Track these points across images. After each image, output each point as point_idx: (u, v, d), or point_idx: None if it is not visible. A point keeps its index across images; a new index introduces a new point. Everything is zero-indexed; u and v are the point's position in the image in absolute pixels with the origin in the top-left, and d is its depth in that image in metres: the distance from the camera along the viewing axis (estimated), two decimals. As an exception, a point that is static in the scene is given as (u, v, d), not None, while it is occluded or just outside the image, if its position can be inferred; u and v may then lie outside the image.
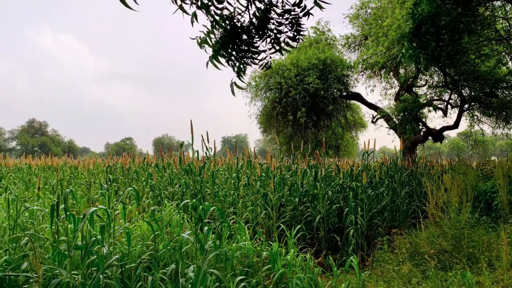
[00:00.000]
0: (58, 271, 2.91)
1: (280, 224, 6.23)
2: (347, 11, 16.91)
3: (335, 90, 15.50)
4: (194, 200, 5.72)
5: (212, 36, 2.67)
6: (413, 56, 6.60)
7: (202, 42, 2.66)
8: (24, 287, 2.73)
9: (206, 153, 8.62)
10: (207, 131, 8.49)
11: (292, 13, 2.68)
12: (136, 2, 1.77)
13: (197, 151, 9.00)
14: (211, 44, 2.67)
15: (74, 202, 7.22)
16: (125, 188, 9.63)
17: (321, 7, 2.51)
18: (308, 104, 15.06)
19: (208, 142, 8.51)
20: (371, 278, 5.36)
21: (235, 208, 7.10)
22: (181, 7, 2.45)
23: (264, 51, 2.83)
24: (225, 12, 2.63)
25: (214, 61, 2.69)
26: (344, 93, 16.12)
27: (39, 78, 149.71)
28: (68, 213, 2.91)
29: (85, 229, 3.17)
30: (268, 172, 7.96)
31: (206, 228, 3.65)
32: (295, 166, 9.11)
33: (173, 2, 2.42)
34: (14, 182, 11.12)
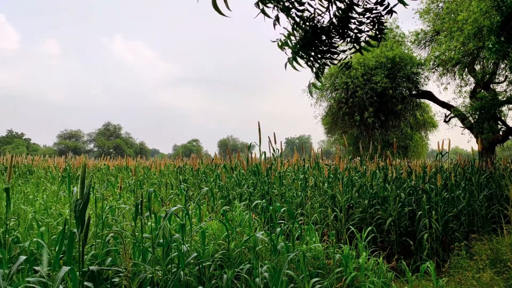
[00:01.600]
0: (142, 266, 3.12)
1: (350, 227, 6.15)
2: (417, 6, 16.21)
3: (404, 89, 14.94)
4: (263, 200, 5.85)
5: (292, 38, 2.72)
6: (500, 51, 6.17)
7: (283, 44, 2.72)
8: (113, 281, 2.98)
9: (273, 154, 8.73)
10: (274, 133, 8.58)
11: (374, 11, 2.66)
12: (228, 8, 1.86)
13: (264, 152, 9.14)
14: (291, 45, 2.72)
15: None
16: (194, 188, 10.00)
17: (405, 4, 2.46)
18: (375, 104, 14.66)
19: (275, 143, 8.62)
20: (448, 285, 5.12)
21: (302, 209, 7.12)
22: (263, 11, 2.53)
23: (344, 51, 2.83)
24: (306, 13, 2.67)
25: (293, 62, 2.74)
26: (414, 92, 15.47)
27: (113, 84, 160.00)
28: (151, 212, 3.10)
29: (166, 227, 3.36)
30: (336, 174, 7.88)
31: (278, 229, 3.71)
32: (364, 167, 8.92)
33: (256, 6, 2.50)
34: (94, 182, 12.00)
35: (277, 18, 2.61)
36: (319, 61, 2.80)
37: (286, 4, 2.55)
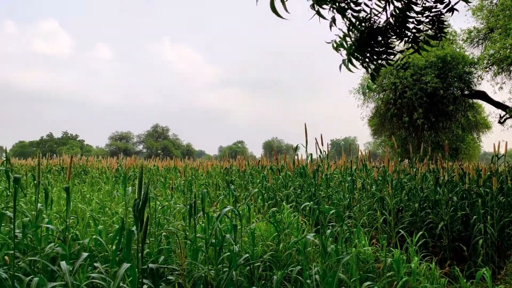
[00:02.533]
0: (194, 265, 3.18)
1: (400, 230, 5.97)
2: (470, 3, 15.47)
3: (455, 89, 14.31)
4: (311, 202, 5.80)
5: (347, 39, 2.68)
6: None
7: (338, 46, 2.69)
8: (168, 279, 3.05)
9: (319, 156, 8.65)
10: (321, 134, 8.50)
11: (434, 10, 2.56)
12: (287, 11, 1.86)
13: (311, 154, 9.07)
14: (346, 47, 2.68)
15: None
16: (241, 189, 10.08)
17: (467, 1, 2.36)
18: (425, 104, 14.13)
19: (322, 145, 8.54)
20: (506, 293, 4.84)
21: (350, 211, 7.00)
22: (318, 12, 2.51)
23: (402, 51, 2.74)
24: (362, 14, 2.62)
25: (348, 64, 2.70)
26: (466, 92, 14.78)
27: (161, 87, 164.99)
28: (204, 212, 3.16)
29: (218, 227, 3.41)
30: (385, 176, 7.68)
31: (328, 231, 3.67)
32: (414, 170, 8.63)
33: (311, 7, 2.48)
34: (144, 182, 12.38)
35: (333, 20, 2.57)
36: (374, 62, 2.73)
37: (342, 5, 2.51)
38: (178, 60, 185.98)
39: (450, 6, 2.48)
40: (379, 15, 2.66)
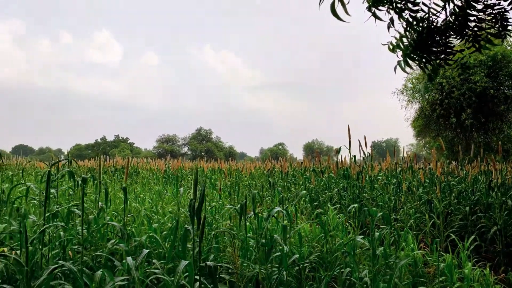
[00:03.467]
0: (246, 264, 3.21)
1: (450, 234, 5.74)
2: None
3: (507, 88, 13.55)
4: (357, 204, 5.69)
5: (404, 39, 2.61)
6: None
7: (394, 47, 2.63)
8: (221, 277, 3.11)
9: (363, 157, 8.50)
10: (364, 136, 8.36)
11: (496, 7, 2.44)
12: (347, 13, 1.84)
13: (354, 155, 8.93)
14: (403, 48, 2.61)
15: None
16: (284, 191, 10.07)
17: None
18: (474, 104, 13.48)
19: (366, 147, 8.39)
20: None
21: (395, 214, 6.81)
22: (374, 14, 2.47)
23: (461, 50, 2.63)
24: (419, 14, 2.54)
25: (403, 65, 2.63)
26: (519, 91, 13.98)
27: (204, 91, 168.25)
28: (255, 212, 3.19)
29: (268, 227, 3.43)
30: (432, 178, 7.42)
31: (377, 234, 3.59)
32: (464, 172, 8.27)
33: (367, 9, 2.45)
34: (200, 183, 12.65)
35: (391, 21, 2.52)
36: (432, 62, 2.64)
37: (399, 5, 2.44)
38: (220, 65, 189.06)
39: (516, 2, 2.35)
40: (437, 14, 2.57)
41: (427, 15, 2.53)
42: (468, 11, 2.39)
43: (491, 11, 2.47)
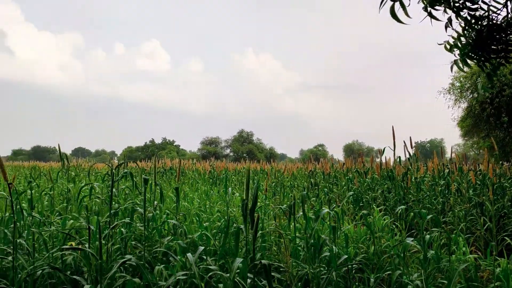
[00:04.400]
0: (295, 263, 3.22)
1: (505, 238, 5.45)
2: None
3: None
4: (403, 206, 5.55)
5: (462, 38, 2.52)
6: None
7: (452, 47, 2.55)
8: (272, 274, 3.14)
9: (408, 158, 8.27)
10: (410, 137, 8.14)
11: None
12: (408, 15, 1.81)
13: (399, 156, 8.68)
14: (460, 47, 2.52)
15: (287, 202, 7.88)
16: (325, 192, 9.97)
17: None
18: (526, 103, 12.72)
19: (412, 147, 8.16)
20: None
21: (443, 216, 6.56)
22: (430, 14, 2.41)
23: None
24: (479, 12, 2.44)
25: (461, 64, 2.53)
26: None
27: (245, 94, 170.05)
28: (305, 212, 3.19)
29: (317, 228, 3.42)
30: (484, 180, 7.08)
31: (428, 236, 3.49)
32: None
33: (423, 10, 2.38)
34: (235, 184, 12.83)
35: (449, 20, 2.44)
36: (492, 60, 2.53)
37: (457, 4, 2.36)
38: (260, 68, 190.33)
39: None
40: (498, 12, 2.46)
41: (486, 13, 2.43)
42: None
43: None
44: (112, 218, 3.09)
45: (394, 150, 7.45)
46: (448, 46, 2.56)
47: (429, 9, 2.35)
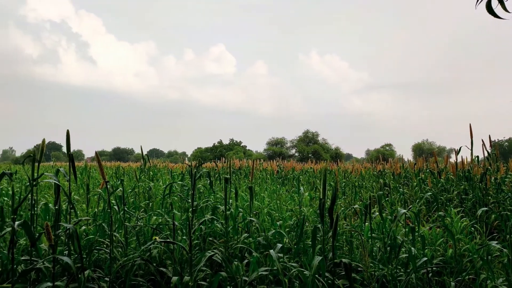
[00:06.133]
0: (372, 264, 3.12)
1: None
2: None
3: None
4: (485, 208, 5.14)
5: None
6: None
7: None
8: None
9: (487, 158, 7.66)
10: (489, 135, 7.56)
11: None
12: (506, 10, 1.66)
13: (477, 156, 8.07)
14: None
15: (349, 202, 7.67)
16: (396, 192, 9.55)
17: None
18: None
19: (491, 146, 7.55)
20: None
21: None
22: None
23: None
24: None
25: None
26: None
27: (310, 95, 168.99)
28: (381, 212, 3.08)
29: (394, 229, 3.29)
30: None
31: (516, 239, 3.20)
32: None
33: None
34: (303, 184, 12.75)
35: None
36: None
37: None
38: (325, 69, 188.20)
39: None
40: None
41: None
42: None
43: None
44: (194, 215, 3.22)
45: (471, 149, 6.97)
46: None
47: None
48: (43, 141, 2.72)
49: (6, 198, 5.15)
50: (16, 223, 1.94)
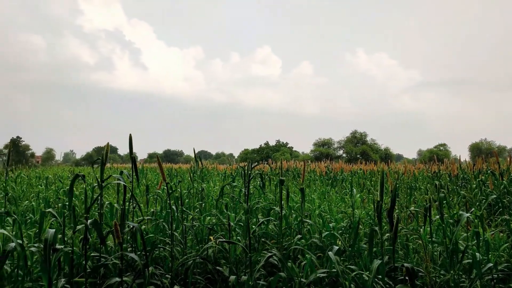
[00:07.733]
0: (433, 269, 3.00)
1: None
2: None
3: None
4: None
5: None
6: None
7: None
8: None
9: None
10: (559, 133, 6.97)
11: None
12: None
13: (546, 156, 7.48)
14: None
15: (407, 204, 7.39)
16: (453, 195, 9.09)
17: None
18: None
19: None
20: None
21: None
22: None
23: None
24: None
25: None
26: None
27: (357, 95, 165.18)
28: (441, 216, 2.96)
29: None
30: None
31: None
32: None
33: None
34: (353, 185, 12.47)
35: None
36: None
37: None
38: (373, 68, 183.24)
39: None
40: None
41: None
42: None
43: None
44: (247, 215, 3.26)
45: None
46: None
47: None
48: (107, 145, 2.89)
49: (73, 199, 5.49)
50: (88, 221, 2.09)
